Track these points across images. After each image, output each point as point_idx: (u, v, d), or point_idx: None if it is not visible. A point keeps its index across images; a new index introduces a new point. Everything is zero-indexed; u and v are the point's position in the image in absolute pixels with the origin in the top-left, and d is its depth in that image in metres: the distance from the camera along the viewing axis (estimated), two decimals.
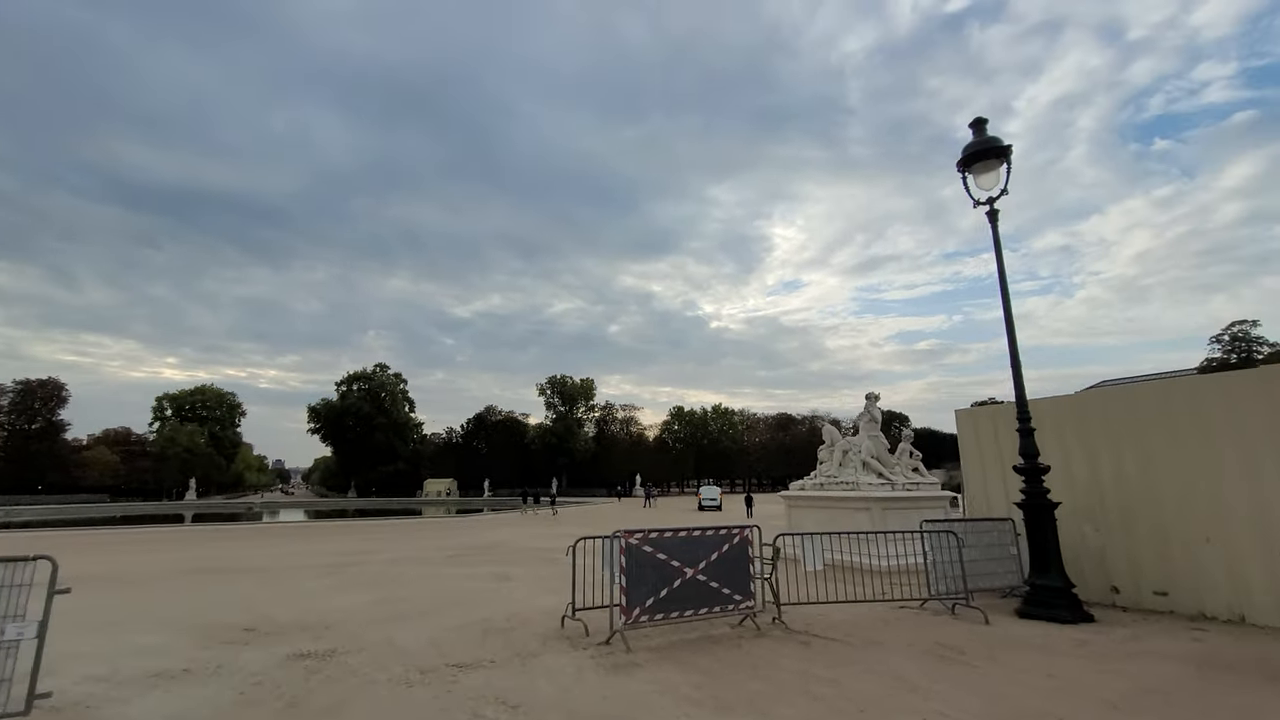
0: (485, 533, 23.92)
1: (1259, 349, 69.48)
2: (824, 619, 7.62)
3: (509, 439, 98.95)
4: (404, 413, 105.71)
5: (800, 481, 14.73)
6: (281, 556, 15.82)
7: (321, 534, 24.33)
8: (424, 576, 11.57)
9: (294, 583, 11.07)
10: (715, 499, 50.84)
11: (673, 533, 6.99)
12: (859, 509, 12.62)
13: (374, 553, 16.33)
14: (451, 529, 26.63)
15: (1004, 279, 8.68)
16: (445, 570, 12.54)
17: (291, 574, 12.26)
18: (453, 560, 14.39)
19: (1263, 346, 69.58)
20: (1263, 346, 69.58)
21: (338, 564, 13.85)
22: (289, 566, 13.53)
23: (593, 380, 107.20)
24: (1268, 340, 69.79)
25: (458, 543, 19.37)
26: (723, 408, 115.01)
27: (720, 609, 7.04)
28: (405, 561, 14.19)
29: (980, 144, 8.84)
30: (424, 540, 20.47)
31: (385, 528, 27.85)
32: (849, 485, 13.05)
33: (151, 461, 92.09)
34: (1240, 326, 69.98)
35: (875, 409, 14.00)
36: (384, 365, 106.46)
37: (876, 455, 13.53)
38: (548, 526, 27.25)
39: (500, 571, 12.17)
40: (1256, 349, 69.72)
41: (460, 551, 16.34)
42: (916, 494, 12.86)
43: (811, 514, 13.84)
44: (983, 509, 10.07)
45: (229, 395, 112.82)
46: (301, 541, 20.62)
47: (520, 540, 19.90)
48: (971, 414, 10.55)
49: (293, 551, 17.00)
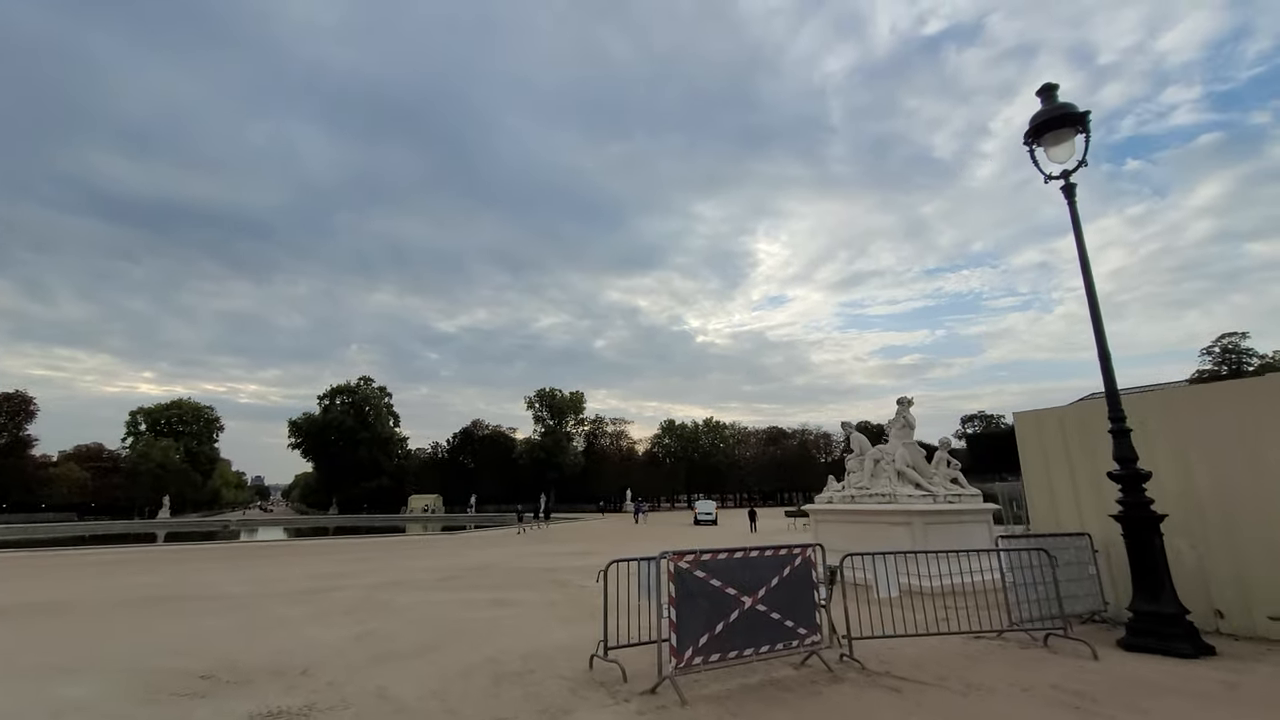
0: (476, 552, 22.44)
1: (1249, 360, 69.79)
2: (897, 655, 6.42)
3: (496, 454, 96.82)
4: (388, 427, 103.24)
5: (827, 493, 13.56)
6: (254, 581, 14.31)
7: (300, 554, 22.69)
8: (415, 604, 10.19)
9: (266, 612, 9.65)
10: (711, 513, 50.23)
11: (727, 554, 5.78)
12: (897, 523, 11.47)
13: (357, 575, 14.86)
14: (440, 548, 25.07)
15: (1085, 260, 7.68)
16: (437, 596, 11.17)
17: (263, 602, 10.82)
18: (445, 583, 13.00)
19: (1252, 358, 69.94)
20: (1252, 358, 69.94)
21: (316, 589, 12.41)
22: (261, 593, 12.07)
23: (582, 393, 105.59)
24: (1257, 352, 70.21)
25: (448, 563, 17.92)
26: (714, 421, 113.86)
27: (784, 645, 5.81)
28: (392, 585, 12.77)
29: (1051, 112, 7.81)
30: (411, 560, 18.97)
31: (369, 547, 26.21)
32: (884, 497, 11.92)
33: (123, 478, 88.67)
34: (1230, 339, 70.39)
35: (909, 414, 12.92)
36: (368, 378, 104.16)
37: (913, 464, 12.42)
38: (541, 544, 25.78)
39: (500, 597, 10.83)
40: (1246, 360, 70.03)
41: (452, 573, 14.92)
42: (959, 507, 11.74)
43: (841, 529, 12.67)
44: (1050, 523, 8.95)
45: (206, 410, 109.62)
46: (277, 563, 19.03)
47: (516, 560, 18.49)
48: (1035, 417, 9.46)
49: (266, 576, 15.46)
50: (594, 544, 25.25)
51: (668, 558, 5.40)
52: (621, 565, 6.16)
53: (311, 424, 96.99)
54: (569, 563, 17.16)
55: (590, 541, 26.99)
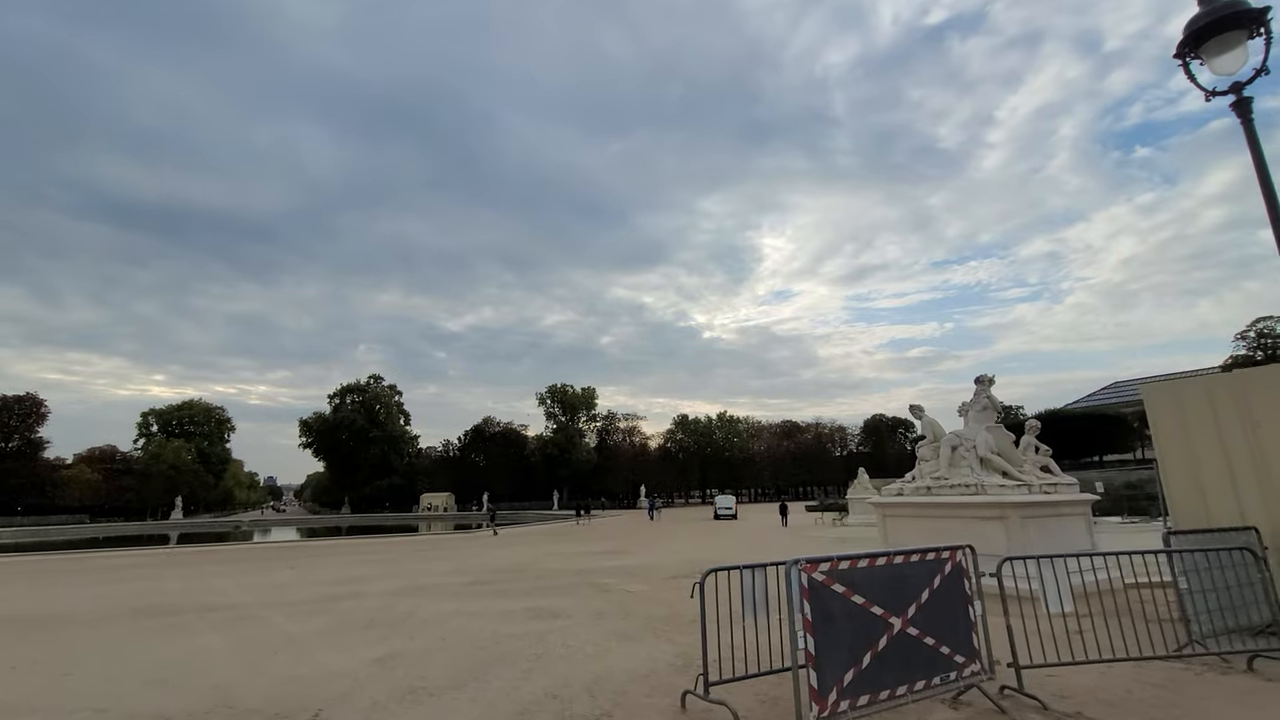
0: (500, 551, 21.17)
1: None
2: (1070, 685, 5.03)
3: (508, 451, 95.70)
4: (399, 425, 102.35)
5: (896, 485, 12.14)
6: (263, 588, 13.08)
7: (313, 556, 21.52)
8: (442, 616, 8.88)
9: (273, 628, 8.37)
10: (731, 508, 50.14)
11: (868, 560, 4.40)
12: (988, 518, 10.04)
13: (373, 580, 13.61)
14: (461, 548, 23.82)
15: (1266, 180, 6.21)
16: (467, 604, 9.85)
17: (271, 614, 9.55)
18: (474, 589, 11.70)
19: None
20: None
21: (329, 596, 11.14)
22: (270, 602, 10.82)
23: (594, 389, 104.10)
24: None
25: (474, 564, 16.65)
26: (727, 415, 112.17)
27: (940, 679, 4.44)
28: (414, 592, 11.49)
29: (1217, 12, 6.35)
30: (430, 563, 17.72)
31: (384, 547, 25.03)
32: (970, 488, 10.49)
33: (135, 479, 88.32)
34: (1265, 323, 68.14)
35: (990, 395, 11.47)
36: (378, 376, 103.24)
37: (999, 450, 10.99)
38: (565, 544, 24.50)
39: (537, 605, 9.50)
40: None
41: (480, 577, 13.63)
42: (1057, 498, 10.30)
43: (916, 525, 11.26)
44: (1197, 515, 7.51)
45: (218, 410, 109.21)
46: (288, 566, 17.83)
47: (543, 561, 17.18)
48: (1172, 390, 8.01)
49: (276, 582, 14.24)
50: (622, 542, 23.94)
51: (799, 566, 4.03)
52: (720, 575, 4.78)
53: (322, 423, 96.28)
54: (600, 563, 15.85)
55: (616, 540, 25.68)
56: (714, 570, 4.74)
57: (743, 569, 4.77)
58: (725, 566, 4.87)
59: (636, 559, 16.85)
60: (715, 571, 4.74)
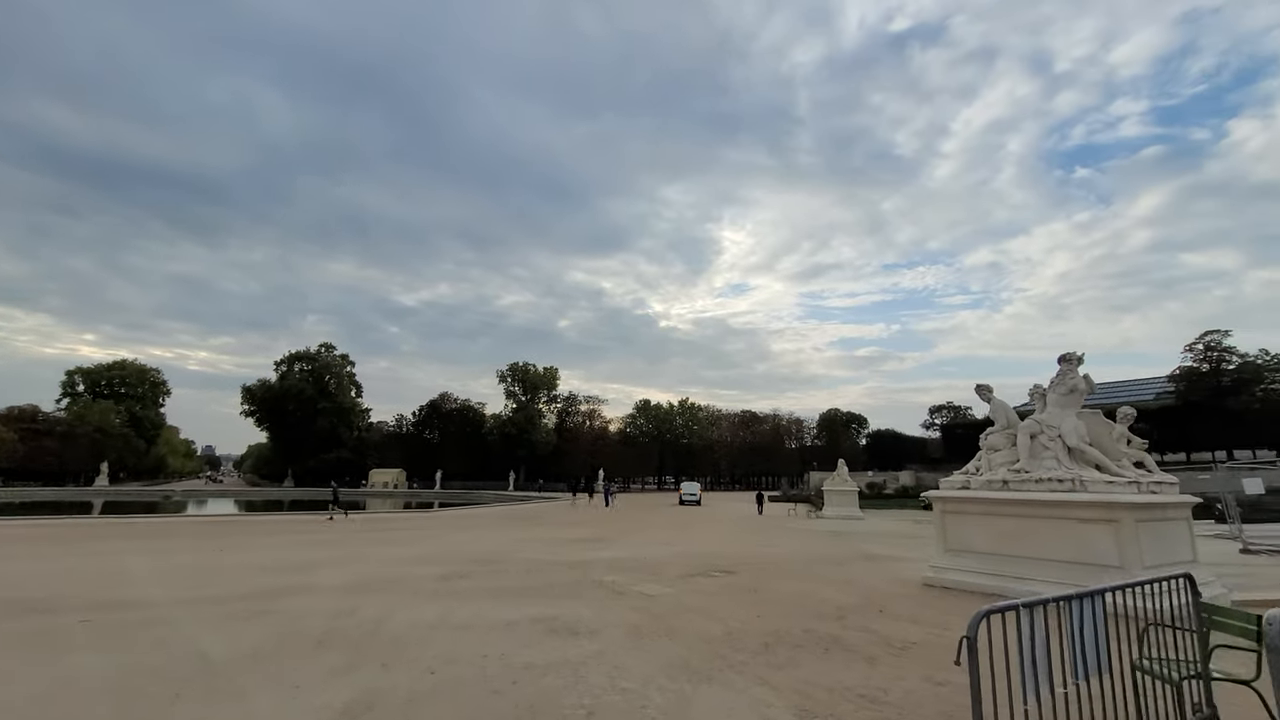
0: (464, 535, 18.82)
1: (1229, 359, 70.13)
2: None
3: (464, 428, 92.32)
4: (350, 397, 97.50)
5: (958, 477, 10.40)
6: (182, 574, 10.53)
7: (249, 533, 18.74)
8: (424, 628, 6.64)
9: (181, 644, 5.99)
10: (695, 494, 50.45)
11: None
12: (1092, 520, 8.36)
13: (325, 568, 11.20)
14: (421, 529, 21.30)
15: None
16: (455, 610, 7.61)
17: (185, 617, 7.13)
18: (453, 586, 9.45)
19: (1233, 356, 70.28)
20: (1233, 356, 70.28)
21: (267, 591, 8.73)
22: (186, 597, 8.36)
23: (556, 369, 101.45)
24: (1237, 350, 70.56)
25: (442, 550, 14.32)
26: (689, 403, 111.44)
27: None
28: (377, 587, 9.18)
29: None
30: (392, 547, 15.30)
31: (332, 525, 22.31)
32: (1064, 483, 8.79)
33: (57, 441, 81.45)
34: (1212, 336, 70.53)
35: (1078, 375, 9.77)
36: (329, 345, 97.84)
37: (1092, 440, 9.33)
38: (535, 529, 22.31)
39: (551, 614, 7.34)
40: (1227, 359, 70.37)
41: (455, 568, 11.35)
42: (1164, 499, 8.69)
43: (988, 525, 9.55)
44: None
45: (152, 372, 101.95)
46: (221, 545, 15.13)
47: (521, 549, 14.98)
48: None
49: (203, 566, 11.66)
50: (596, 529, 21.89)
51: None
52: (995, 618, 2.74)
53: (267, 391, 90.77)
54: (589, 555, 13.76)
55: (589, 526, 23.61)
56: (989, 613, 2.67)
57: (1050, 603, 2.74)
58: (1005, 606, 2.82)
59: (625, 550, 14.83)
60: (990, 615, 2.68)
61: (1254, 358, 69.09)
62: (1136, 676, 4.04)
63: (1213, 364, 70.49)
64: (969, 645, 2.48)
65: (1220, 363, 70.41)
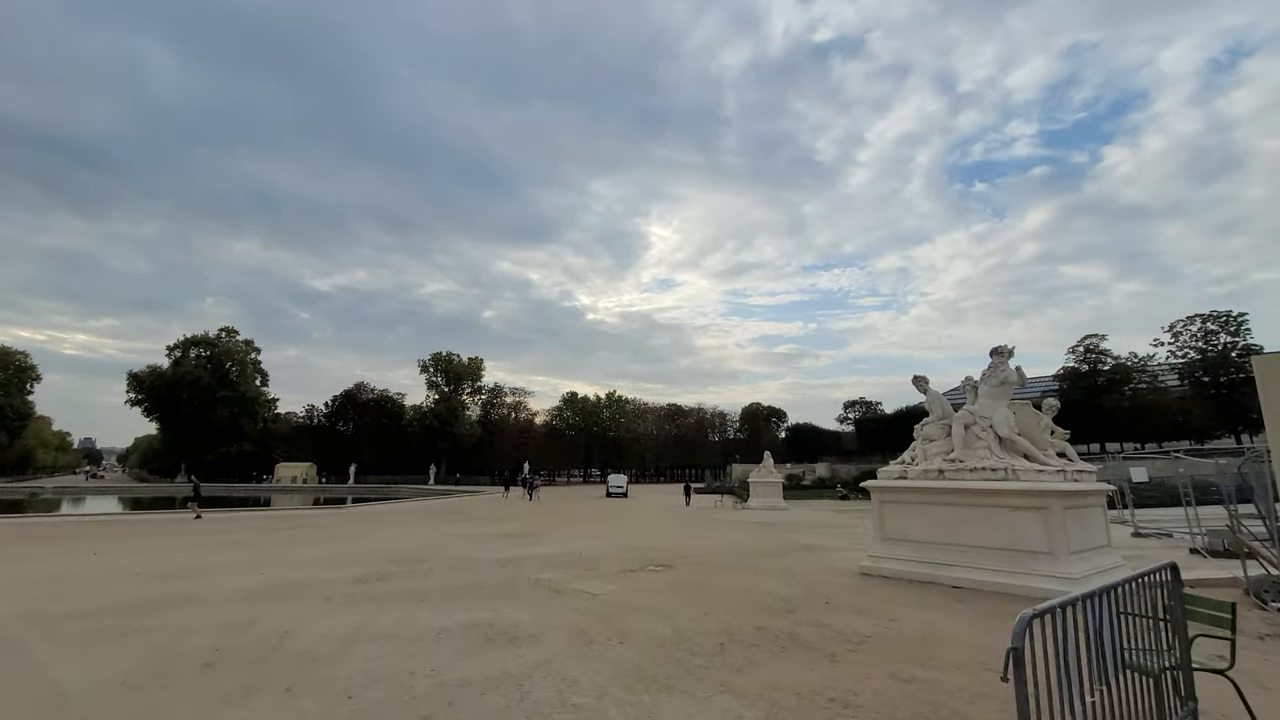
0: (384, 532, 17.59)
1: (1104, 360, 77.01)
2: None
3: (381, 420, 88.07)
4: (254, 386, 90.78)
5: (894, 467, 10.49)
6: (39, 585, 9.03)
7: (129, 533, 16.71)
8: (338, 642, 5.85)
9: (31, 675, 4.94)
10: (622, 487, 51.01)
11: None
12: (1023, 507, 8.58)
13: (218, 572, 9.98)
14: (334, 526, 19.74)
15: None
16: (374, 617, 6.82)
17: (32, 635, 5.98)
18: (371, 589, 8.57)
19: (1108, 358, 77.25)
20: (1108, 358, 77.25)
21: (147, 602, 7.57)
22: (37, 611, 7.08)
23: (481, 360, 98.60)
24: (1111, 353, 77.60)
25: (357, 550, 13.19)
26: (616, 395, 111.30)
27: None
28: (281, 595, 8.18)
29: None
30: (299, 547, 13.99)
31: (231, 524, 20.35)
32: (997, 472, 8.99)
33: None
34: (1091, 339, 77.26)
35: (1010, 367, 10.06)
36: (231, 329, 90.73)
37: (1022, 430, 9.61)
38: (459, 524, 21.28)
39: (486, 619, 6.68)
40: (1102, 360, 77.23)
41: (373, 569, 10.39)
42: (1085, 486, 9.05)
43: (924, 515, 9.66)
44: None
45: (18, 356, 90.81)
46: (95, 548, 13.31)
47: (454, 546, 14.07)
48: None
49: (68, 573, 10.11)
50: (524, 523, 21.12)
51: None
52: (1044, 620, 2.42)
53: (158, 379, 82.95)
54: (521, 551, 13.09)
55: (516, 520, 22.79)
56: (1038, 615, 2.34)
57: (1068, 606, 2.43)
58: (1050, 607, 2.49)
59: (558, 545, 14.24)
60: (1040, 617, 2.35)
61: (1125, 360, 76.34)
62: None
63: (1091, 364, 77.40)
64: (1015, 658, 2.13)
65: (1098, 364, 77.40)
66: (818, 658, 5.28)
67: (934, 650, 5.50)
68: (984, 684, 4.55)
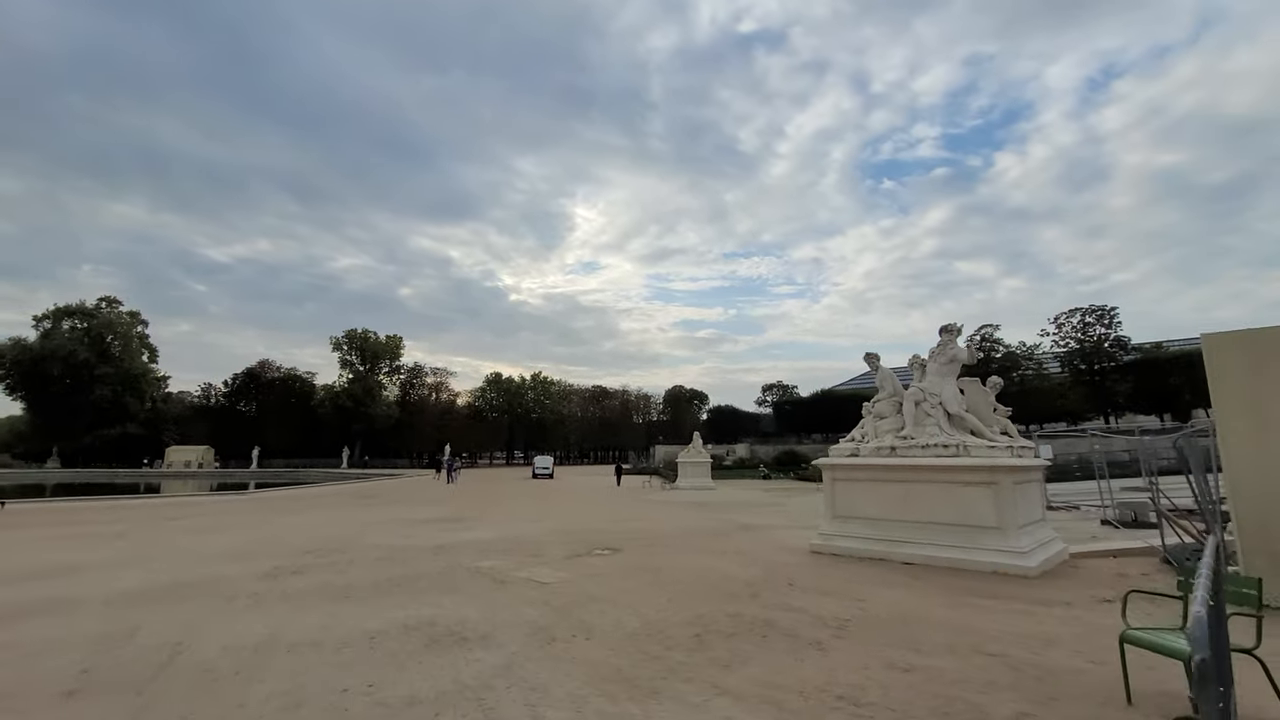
0: (296, 519, 16.05)
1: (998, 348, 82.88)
2: None
3: (289, 400, 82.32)
4: (141, 362, 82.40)
5: (845, 445, 10.37)
6: None
7: None
8: (236, 649, 4.90)
9: None
10: (548, 468, 50.75)
11: None
12: (974, 483, 8.61)
13: (94, 571, 8.53)
14: (235, 514, 17.85)
15: None
16: (290, 619, 5.85)
17: None
18: (279, 584, 7.50)
19: (1000, 347, 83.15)
20: (1000, 347, 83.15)
21: (4, 607, 6.23)
22: None
23: (400, 338, 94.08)
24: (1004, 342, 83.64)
25: (263, 540, 11.80)
26: (541, 377, 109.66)
27: None
28: (171, 596, 7.00)
29: None
30: (193, 537, 12.41)
31: (115, 513, 18.02)
32: (948, 448, 8.99)
33: None
34: (987, 329, 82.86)
35: (958, 345, 10.11)
36: (113, 299, 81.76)
37: (970, 407, 9.68)
38: (373, 509, 19.90)
39: (426, 616, 5.88)
40: (995, 349, 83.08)
41: (285, 562, 9.21)
42: (1028, 462, 9.23)
43: (877, 491, 9.58)
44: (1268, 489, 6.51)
45: None
46: None
47: (377, 533, 12.91)
48: (1244, 341, 6.90)
49: None
50: (451, 507, 20.02)
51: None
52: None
53: (23, 353, 73.54)
54: (452, 536, 12.17)
55: (443, 504, 21.60)
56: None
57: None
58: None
59: (492, 530, 13.41)
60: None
61: (1014, 349, 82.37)
62: (1124, 649, 3.72)
63: (986, 353, 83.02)
64: (1200, 671, 1.67)
65: (992, 352, 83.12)
66: (803, 646, 4.88)
67: (917, 633, 5.23)
68: (983, 669, 4.28)
